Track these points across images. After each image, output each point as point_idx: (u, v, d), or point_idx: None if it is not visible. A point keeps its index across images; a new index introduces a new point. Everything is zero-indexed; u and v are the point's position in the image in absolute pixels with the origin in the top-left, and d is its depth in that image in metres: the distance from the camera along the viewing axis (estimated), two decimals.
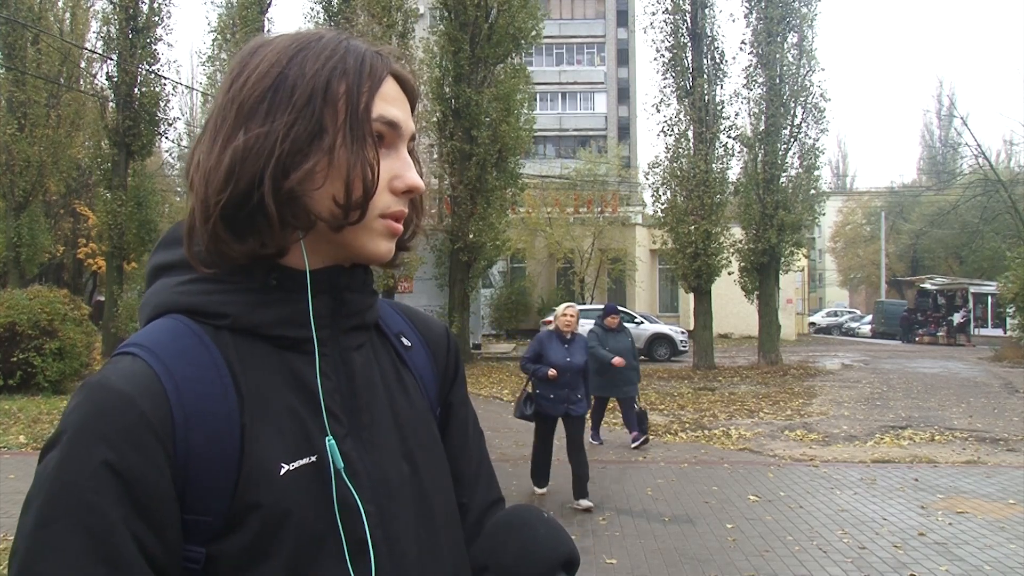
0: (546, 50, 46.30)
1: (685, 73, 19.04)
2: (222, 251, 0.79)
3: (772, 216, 18.65)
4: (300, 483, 0.76)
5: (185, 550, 0.73)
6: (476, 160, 18.21)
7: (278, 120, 0.78)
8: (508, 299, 27.80)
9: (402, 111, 0.84)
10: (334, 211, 0.79)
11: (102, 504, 0.68)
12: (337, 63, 0.80)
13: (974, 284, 31.19)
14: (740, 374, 17.56)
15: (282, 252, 0.81)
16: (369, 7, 17.72)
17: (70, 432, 0.71)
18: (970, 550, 5.24)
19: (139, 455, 0.70)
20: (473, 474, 0.99)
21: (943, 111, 48.20)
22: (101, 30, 19.36)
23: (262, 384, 0.79)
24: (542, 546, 0.80)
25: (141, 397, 0.72)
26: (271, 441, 0.77)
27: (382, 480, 0.82)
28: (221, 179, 0.78)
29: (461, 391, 1.02)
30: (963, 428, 10.50)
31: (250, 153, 0.77)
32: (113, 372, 0.75)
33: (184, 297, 0.82)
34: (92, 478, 0.68)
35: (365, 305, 0.88)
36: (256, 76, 0.80)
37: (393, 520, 0.82)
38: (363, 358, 0.87)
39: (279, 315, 0.81)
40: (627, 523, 5.91)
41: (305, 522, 0.76)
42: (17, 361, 11.87)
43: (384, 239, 0.84)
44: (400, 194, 0.83)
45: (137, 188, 19.29)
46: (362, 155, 0.79)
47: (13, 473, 7.12)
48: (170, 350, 0.77)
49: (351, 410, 0.83)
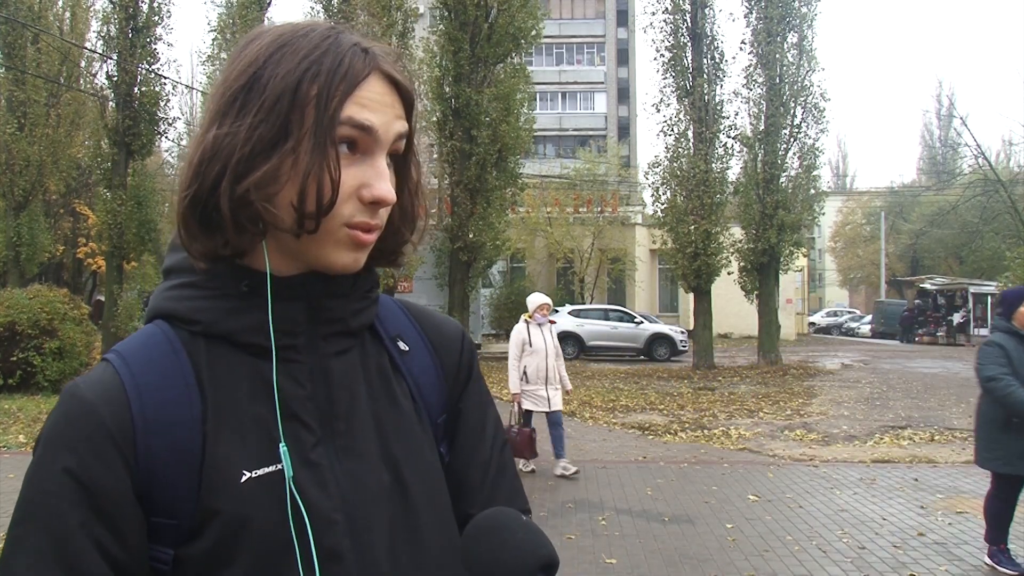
0: (546, 50, 46.31)
1: (685, 73, 19.04)
2: (188, 245, 0.80)
3: (772, 216, 18.64)
4: (261, 491, 0.76)
5: (154, 551, 0.76)
6: (476, 160, 18.21)
7: (245, 120, 0.76)
8: (508, 299, 27.73)
9: (380, 115, 0.79)
10: (292, 219, 0.77)
11: (62, 509, 0.72)
12: (312, 64, 0.77)
13: (974, 284, 31.18)
14: (740, 374, 17.56)
15: (240, 253, 0.80)
16: (369, 7, 17.71)
17: (44, 439, 0.76)
18: (970, 550, 5.24)
19: (99, 462, 0.73)
20: (486, 483, 0.95)
21: (943, 111, 48.21)
22: (101, 29, 19.34)
23: (229, 391, 0.79)
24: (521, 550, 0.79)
25: (103, 405, 0.75)
26: (233, 448, 0.77)
27: (355, 488, 0.81)
28: (190, 175, 0.78)
29: (474, 396, 0.98)
30: (963, 428, 10.50)
31: (217, 151, 0.77)
32: (86, 380, 0.78)
33: (167, 303, 0.84)
34: (55, 484, 0.73)
35: (348, 311, 0.85)
36: (236, 73, 0.79)
37: (366, 530, 0.80)
38: (344, 364, 0.85)
39: (250, 322, 0.80)
40: (627, 523, 5.91)
41: (266, 529, 0.76)
42: (17, 360, 11.88)
43: (347, 249, 0.80)
44: (367, 204, 0.79)
45: (137, 188, 19.28)
46: (322, 163, 0.75)
47: (12, 473, 7.12)
48: (140, 357, 0.79)
49: (325, 417, 0.82)
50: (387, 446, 0.85)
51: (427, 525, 0.85)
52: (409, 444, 0.87)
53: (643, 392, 14.39)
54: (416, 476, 0.86)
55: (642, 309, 26.83)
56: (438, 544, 0.86)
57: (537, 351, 7.31)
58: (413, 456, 0.87)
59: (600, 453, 8.72)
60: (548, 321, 7.55)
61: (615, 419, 11.16)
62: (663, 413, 11.82)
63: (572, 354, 21.50)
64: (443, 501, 0.89)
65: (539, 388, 7.31)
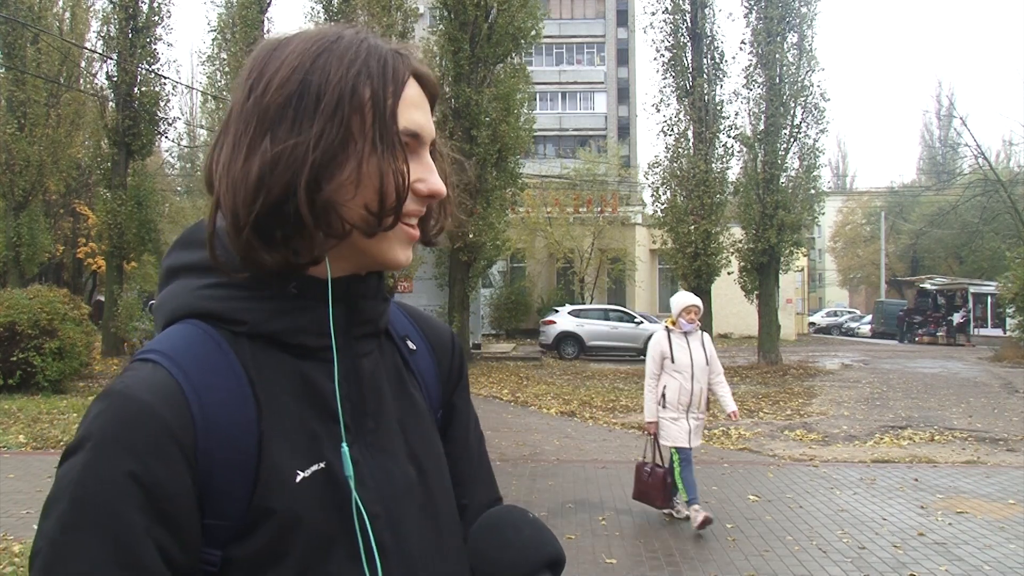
0: (546, 50, 46.32)
1: (685, 73, 19.05)
2: (254, 259, 0.79)
3: (772, 216, 18.64)
4: (312, 490, 0.78)
5: (203, 553, 0.75)
6: (476, 160, 18.21)
7: (306, 128, 0.77)
8: (508, 299, 27.80)
9: (424, 115, 0.84)
10: (367, 218, 0.79)
11: (126, 513, 0.70)
12: (361, 67, 0.79)
13: (974, 284, 31.21)
14: (740, 374, 17.56)
15: (317, 261, 0.81)
16: (369, 7, 17.71)
17: (94, 440, 0.72)
18: (970, 550, 5.25)
19: (162, 465, 0.72)
20: (473, 475, 1.00)
21: (943, 111, 48.21)
22: (101, 30, 19.36)
23: (277, 391, 0.80)
24: (527, 546, 0.80)
25: (163, 407, 0.73)
26: (286, 448, 0.78)
27: (388, 483, 0.83)
28: (251, 189, 0.77)
29: (464, 393, 1.03)
30: (963, 428, 10.50)
31: (280, 163, 0.77)
32: (135, 380, 0.75)
33: (204, 302, 0.82)
34: (116, 487, 0.70)
35: (377, 313, 0.88)
36: (279, 80, 0.79)
37: (400, 522, 0.83)
38: (371, 364, 0.88)
39: (297, 323, 0.81)
40: (627, 523, 5.91)
41: (315, 527, 0.77)
42: (17, 360, 11.86)
43: (404, 245, 0.84)
44: (421, 198, 0.84)
45: (137, 188, 19.29)
46: (394, 162, 0.79)
47: (13, 473, 7.12)
48: (189, 357, 0.77)
49: (358, 415, 0.84)
50: (409, 442, 0.88)
51: (444, 515, 0.89)
52: (425, 439, 0.91)
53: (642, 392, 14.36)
54: (434, 470, 0.90)
55: (642, 309, 26.83)
56: (454, 534, 0.90)
57: (681, 368, 5.75)
58: (430, 451, 0.91)
59: (600, 453, 8.72)
60: (697, 329, 5.92)
61: (615, 419, 11.16)
62: None
63: (572, 354, 21.52)
64: (451, 492, 0.93)
65: (679, 417, 5.74)
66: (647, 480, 5.75)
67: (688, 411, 5.74)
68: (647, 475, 5.76)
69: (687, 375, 5.74)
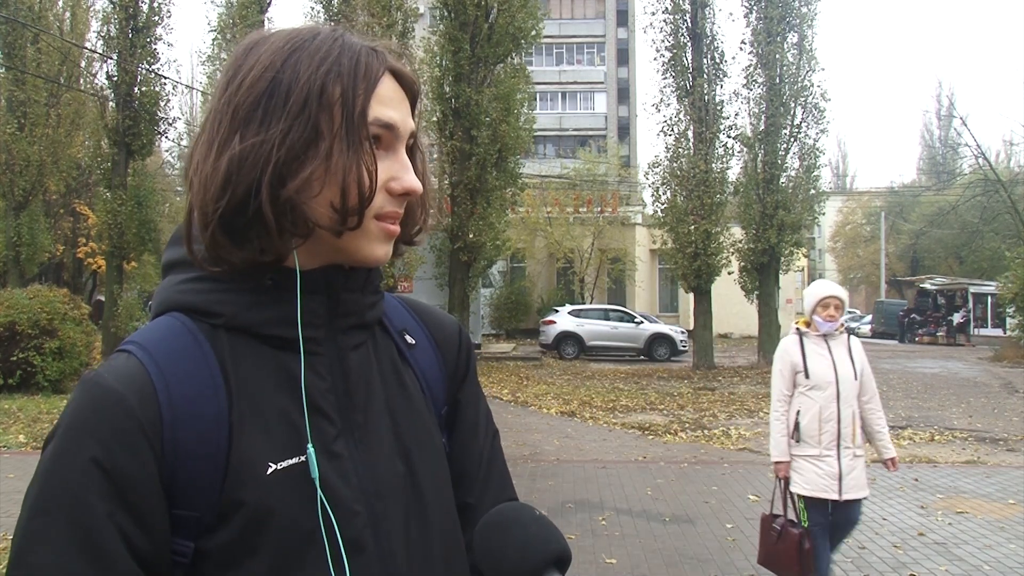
0: (546, 50, 46.29)
1: (685, 73, 19.04)
2: (221, 256, 0.80)
3: (772, 216, 18.63)
4: (286, 483, 0.77)
5: (174, 543, 0.75)
6: (476, 160, 18.20)
7: (273, 127, 0.77)
8: (508, 299, 27.80)
9: (399, 111, 0.83)
10: (332, 217, 0.79)
11: (89, 499, 0.71)
12: (332, 65, 0.79)
13: (974, 284, 31.21)
14: (740, 374, 17.56)
15: (281, 259, 0.81)
16: (369, 7, 17.71)
17: (63, 427, 0.74)
18: (970, 550, 5.25)
19: (127, 452, 0.73)
20: (481, 474, 0.98)
21: (943, 111, 48.22)
22: (101, 29, 19.33)
23: (254, 384, 0.80)
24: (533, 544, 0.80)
25: (131, 395, 0.74)
26: (259, 440, 0.78)
27: (373, 479, 0.83)
28: (218, 186, 0.78)
29: (471, 389, 1.01)
30: (963, 428, 10.50)
31: (246, 161, 0.77)
32: (108, 369, 0.77)
33: (184, 295, 0.83)
34: (80, 473, 0.71)
35: (364, 305, 0.88)
36: (251, 79, 0.79)
37: (383, 520, 0.82)
38: (361, 357, 0.87)
39: (273, 315, 0.81)
40: (627, 523, 5.91)
41: (290, 521, 0.76)
42: (17, 360, 11.87)
43: (380, 242, 0.83)
44: (397, 196, 0.83)
45: (137, 188, 19.27)
46: (358, 160, 0.78)
47: (13, 472, 7.12)
48: (164, 348, 0.78)
49: (345, 409, 0.83)
50: (400, 437, 0.87)
51: (434, 513, 0.88)
52: (419, 435, 0.89)
53: (643, 392, 14.40)
54: (426, 466, 0.88)
55: (642, 309, 26.82)
56: (444, 530, 0.89)
57: (820, 384, 3.98)
58: (423, 447, 0.89)
59: (600, 453, 8.72)
60: (841, 330, 4.11)
61: (615, 419, 11.16)
62: (663, 413, 11.82)
63: (572, 354, 21.52)
64: (448, 490, 0.92)
65: (824, 454, 3.94)
66: (775, 544, 4.11)
67: (840, 445, 3.94)
68: (776, 536, 4.10)
69: (830, 394, 3.97)
